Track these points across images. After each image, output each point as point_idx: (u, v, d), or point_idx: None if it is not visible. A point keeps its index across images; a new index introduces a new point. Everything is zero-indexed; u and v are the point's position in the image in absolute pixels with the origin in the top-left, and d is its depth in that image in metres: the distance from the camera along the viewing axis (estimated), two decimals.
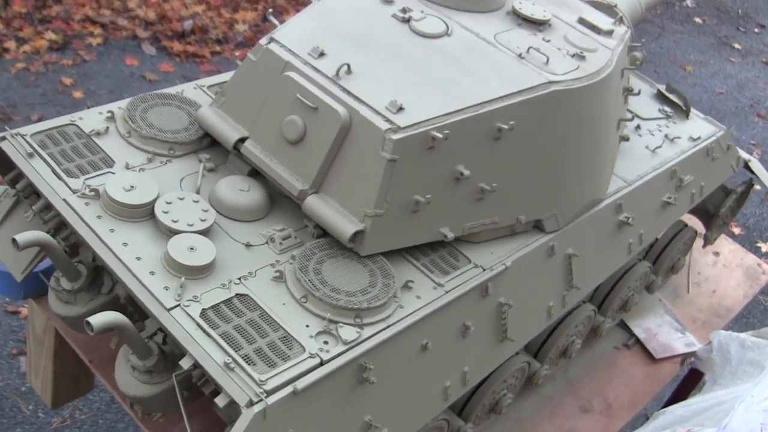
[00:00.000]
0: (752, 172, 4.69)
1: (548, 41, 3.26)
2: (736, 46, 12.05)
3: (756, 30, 12.69)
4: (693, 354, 4.45)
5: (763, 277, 5.25)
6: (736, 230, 8.07)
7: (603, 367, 4.30)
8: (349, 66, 2.87)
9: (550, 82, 3.00)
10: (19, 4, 8.35)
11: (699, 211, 4.86)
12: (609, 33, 3.50)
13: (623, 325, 4.56)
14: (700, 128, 4.30)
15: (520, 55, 3.09)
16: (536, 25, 3.36)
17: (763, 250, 7.91)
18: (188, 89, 3.43)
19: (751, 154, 8.67)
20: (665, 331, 4.59)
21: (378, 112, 2.75)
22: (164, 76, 8.05)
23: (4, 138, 2.97)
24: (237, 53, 8.29)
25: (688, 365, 4.51)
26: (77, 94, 7.52)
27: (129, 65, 8.08)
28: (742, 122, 10.05)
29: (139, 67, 8.10)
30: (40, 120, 6.85)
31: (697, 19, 12.57)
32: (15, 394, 4.97)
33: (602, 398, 4.12)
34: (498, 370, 3.41)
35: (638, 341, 4.51)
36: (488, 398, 3.45)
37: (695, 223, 4.95)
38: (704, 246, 5.04)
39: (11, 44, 7.90)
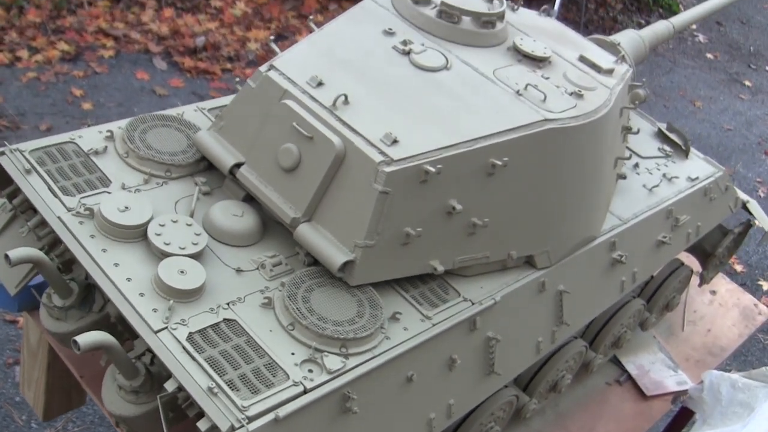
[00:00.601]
0: (750, 213, 4.70)
1: (547, 78, 3.28)
2: (747, 83, 12.08)
3: (767, 68, 12.71)
4: (685, 392, 4.46)
5: (759, 318, 5.26)
6: (738, 267, 8.08)
7: (594, 403, 4.30)
8: (346, 96, 2.89)
9: (546, 120, 3.02)
10: (34, 13, 8.41)
11: (696, 250, 4.87)
12: (609, 72, 3.52)
13: (616, 361, 4.56)
14: (698, 168, 4.32)
15: (517, 92, 3.11)
16: (536, 61, 3.38)
17: (765, 288, 7.92)
18: (188, 111, 3.46)
19: (757, 191, 8.73)
20: (658, 369, 4.60)
21: (372, 144, 2.77)
22: (174, 92, 8.10)
23: (3, 153, 2.99)
24: (248, 71, 8.34)
25: (680, 403, 4.52)
26: (87, 106, 7.57)
27: (140, 79, 8.13)
28: (749, 159, 10.07)
29: (150, 81, 8.15)
30: (48, 130, 6.95)
31: (709, 55, 12.60)
32: (9, 404, 4.99)
33: None
34: (485, 402, 3.42)
35: (630, 377, 4.51)
36: (475, 431, 3.46)
37: (692, 262, 4.96)
38: (700, 285, 5.05)
39: (24, 53, 7.96)
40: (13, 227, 3.15)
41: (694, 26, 13.17)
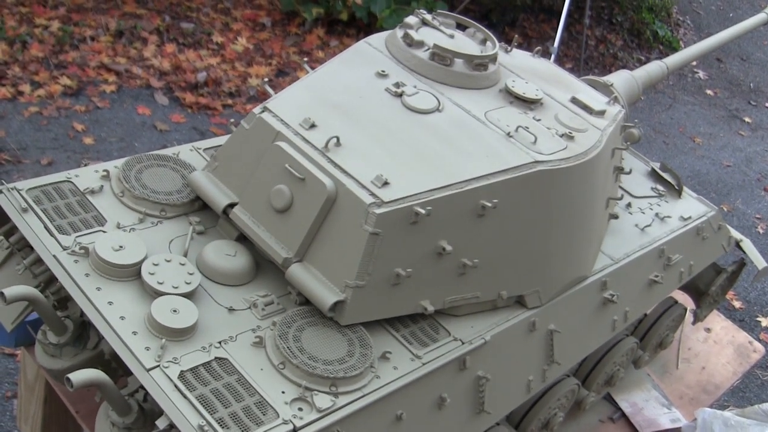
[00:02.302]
0: (744, 252, 4.73)
1: (538, 120, 3.32)
2: (747, 119, 12.12)
3: (767, 104, 12.76)
4: (678, 430, 4.48)
5: (754, 355, 5.28)
6: (737, 304, 8.09)
7: None
8: (338, 139, 2.94)
9: (536, 162, 3.06)
10: (37, 48, 8.48)
11: (689, 289, 4.89)
12: (601, 113, 3.55)
13: (609, 399, 4.58)
14: (691, 208, 4.35)
15: (508, 134, 3.15)
16: (528, 103, 3.41)
17: (764, 324, 7.92)
18: (184, 151, 3.50)
19: (756, 227, 8.75)
20: (651, 406, 4.62)
21: (363, 186, 2.81)
22: (175, 127, 8.15)
23: (0, 192, 3.04)
24: (248, 107, 8.38)
25: None
26: (88, 140, 7.62)
27: (141, 114, 8.18)
28: (748, 196, 10.09)
29: (151, 116, 8.20)
30: (50, 164, 7.00)
31: (709, 92, 12.65)
32: None
33: None
34: None
35: (624, 415, 4.53)
36: None
37: (686, 300, 4.99)
38: (694, 323, 5.07)
39: (26, 87, 8.02)
40: (9, 265, 3.19)
41: (694, 63, 13.24)
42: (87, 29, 9.01)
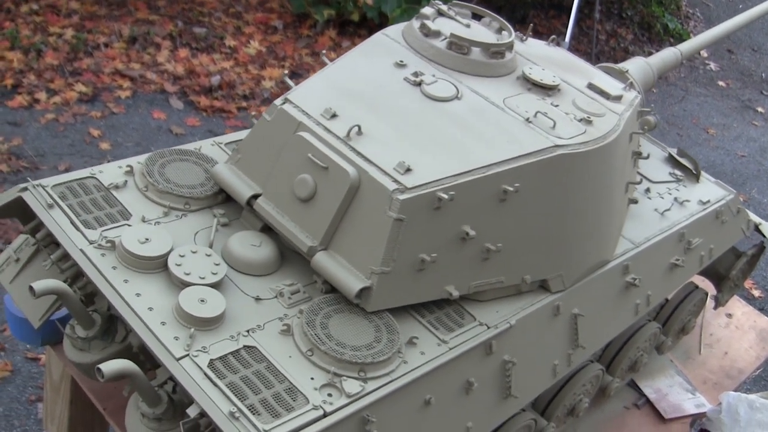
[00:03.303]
0: (764, 234, 4.73)
1: (556, 106, 3.34)
2: (760, 109, 12.11)
3: None
4: (703, 415, 4.48)
5: None
6: (756, 293, 8.09)
7: (612, 427, 4.33)
8: (359, 127, 2.96)
9: (556, 146, 3.07)
10: (52, 56, 8.53)
11: (710, 274, 4.90)
12: (618, 98, 3.57)
13: (633, 385, 4.59)
14: (709, 192, 4.36)
15: (527, 119, 3.16)
16: (545, 90, 3.43)
17: None
18: (206, 146, 3.53)
19: None
20: (676, 392, 4.62)
21: (386, 173, 2.83)
22: (190, 130, 8.18)
23: (26, 189, 3.06)
24: (263, 109, 8.40)
25: (698, 426, 4.53)
26: (104, 146, 7.66)
27: (156, 118, 8.22)
28: (763, 185, 10.09)
29: (166, 120, 8.23)
30: (67, 170, 7.03)
31: (721, 83, 12.64)
32: None
33: None
34: (503, 427, 3.45)
35: (648, 401, 4.54)
36: None
37: (707, 285, 4.99)
38: (715, 308, 5.08)
39: (42, 95, 8.06)
40: (36, 261, 3.22)
41: (705, 54, 13.24)
42: (100, 36, 9.06)
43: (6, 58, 8.35)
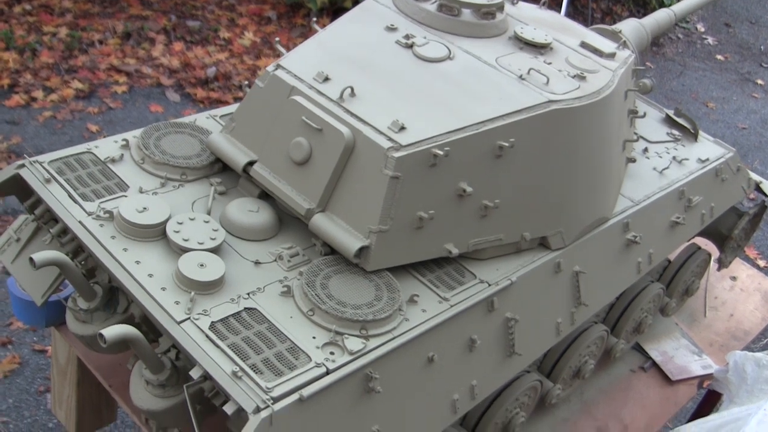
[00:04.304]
0: (764, 193, 4.72)
1: (549, 63, 3.34)
2: (759, 81, 12.10)
3: None
4: (710, 376, 4.48)
5: None
6: (761, 263, 8.06)
7: (619, 390, 4.33)
8: (352, 89, 2.96)
9: (550, 101, 3.07)
10: (47, 54, 8.53)
11: (712, 234, 4.89)
12: (611, 56, 3.57)
13: (639, 349, 4.59)
14: (708, 150, 4.36)
15: (520, 77, 3.16)
16: (537, 48, 3.43)
17: None
18: (201, 119, 3.53)
19: None
20: (682, 354, 4.62)
21: (380, 132, 2.83)
22: None
23: (23, 165, 3.07)
24: None
25: (706, 387, 4.53)
26: None
27: (153, 112, 8.21)
28: (766, 157, 10.07)
29: (164, 113, 8.23)
30: None
31: (719, 57, 12.63)
32: (42, 430, 5.04)
33: (618, 420, 4.15)
34: (509, 387, 3.46)
35: (654, 364, 4.54)
36: (500, 416, 3.49)
37: (711, 249, 4.98)
38: (719, 269, 5.06)
39: (39, 93, 8.06)
40: (36, 240, 3.22)
41: (702, 29, 13.22)
42: (95, 33, 9.06)
43: (2, 59, 8.35)
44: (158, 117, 8.13)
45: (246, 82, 3.36)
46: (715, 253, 5.02)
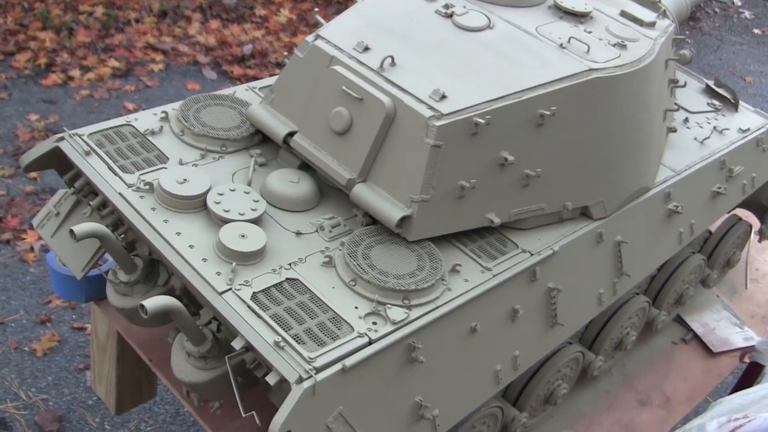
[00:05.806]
0: None
1: (589, 32, 3.31)
2: None
3: None
4: (752, 347, 4.44)
5: None
6: None
7: (660, 362, 4.31)
8: (393, 58, 2.94)
9: (591, 70, 3.04)
10: (84, 34, 8.54)
11: (753, 205, 4.83)
12: (651, 25, 3.54)
13: (680, 321, 4.56)
14: (749, 120, 4.31)
15: (561, 45, 3.14)
16: (577, 17, 3.41)
17: None
18: (240, 91, 3.53)
19: None
20: (723, 326, 4.59)
21: (421, 101, 2.81)
22: None
23: (62, 138, 3.07)
24: None
25: (748, 359, 4.50)
26: None
27: (190, 89, 8.21)
28: None
29: (201, 90, 8.22)
30: None
31: (756, 31, 12.49)
32: (82, 407, 5.06)
33: (660, 392, 4.13)
34: (551, 359, 3.45)
35: (696, 336, 4.51)
36: (542, 388, 3.48)
37: (752, 221, 4.93)
38: (760, 241, 5.02)
39: (76, 72, 8.07)
40: (76, 214, 3.23)
41: (739, 3, 13.09)
42: (131, 12, 9.05)
43: (38, 38, 8.37)
44: (195, 95, 8.13)
45: (285, 54, 3.34)
46: (756, 224, 4.97)
